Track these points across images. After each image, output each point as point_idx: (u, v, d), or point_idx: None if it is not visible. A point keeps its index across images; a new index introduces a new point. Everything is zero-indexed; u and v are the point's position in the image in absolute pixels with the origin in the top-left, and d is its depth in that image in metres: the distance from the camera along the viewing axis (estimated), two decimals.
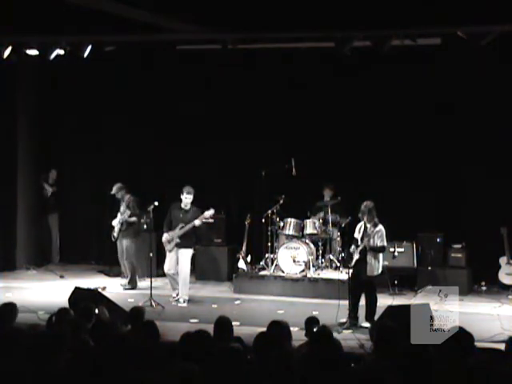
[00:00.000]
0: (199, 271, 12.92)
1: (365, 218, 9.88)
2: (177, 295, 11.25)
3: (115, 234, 12.15)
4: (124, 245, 12.13)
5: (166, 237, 11.30)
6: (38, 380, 5.10)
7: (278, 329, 6.42)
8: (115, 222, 12.14)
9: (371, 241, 9.71)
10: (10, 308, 7.04)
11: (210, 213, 11.14)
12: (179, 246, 11.18)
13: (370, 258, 9.74)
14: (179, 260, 11.20)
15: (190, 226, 11.07)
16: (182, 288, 11.15)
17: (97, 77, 13.65)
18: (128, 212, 11.96)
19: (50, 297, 11.30)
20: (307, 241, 12.17)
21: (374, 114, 12.61)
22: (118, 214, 12.16)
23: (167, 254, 11.43)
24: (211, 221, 12.46)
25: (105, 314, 7.89)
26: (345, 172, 12.62)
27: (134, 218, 12.03)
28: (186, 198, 11.17)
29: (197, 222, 11.06)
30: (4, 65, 11.89)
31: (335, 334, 7.54)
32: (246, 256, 12.48)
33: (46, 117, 14.29)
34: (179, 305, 11.04)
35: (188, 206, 11.23)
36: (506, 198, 11.90)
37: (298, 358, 5.73)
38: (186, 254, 11.22)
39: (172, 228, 11.26)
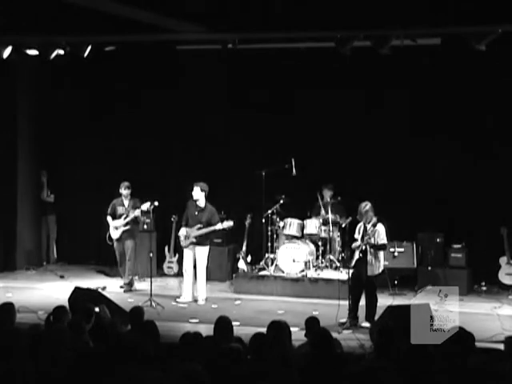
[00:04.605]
0: None
1: (363, 219, 9.90)
2: (186, 300, 11.34)
3: (116, 236, 12.09)
4: (128, 245, 12.09)
5: (182, 232, 11.36)
6: (38, 380, 5.10)
7: (278, 329, 6.42)
8: (117, 224, 12.07)
9: (372, 239, 9.72)
10: (8, 308, 7.03)
11: (229, 224, 11.23)
12: (195, 244, 11.26)
13: (370, 258, 9.75)
14: (196, 259, 11.29)
15: (209, 229, 11.17)
16: (201, 288, 11.26)
17: (97, 77, 13.64)
18: (135, 212, 11.91)
19: (50, 297, 11.29)
20: (307, 241, 12.17)
21: (374, 114, 12.59)
22: (109, 219, 12.15)
23: (184, 251, 11.46)
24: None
25: (106, 314, 7.89)
26: (345, 172, 12.61)
27: (142, 216, 12.01)
28: (194, 191, 11.21)
29: (218, 227, 11.16)
30: (4, 65, 11.88)
31: (335, 334, 7.55)
32: (246, 256, 12.48)
33: (45, 117, 14.28)
34: (199, 303, 11.14)
35: (202, 204, 11.28)
36: (506, 198, 11.90)
37: (298, 358, 5.74)
38: (203, 253, 11.29)
39: (189, 224, 11.32)
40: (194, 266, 11.37)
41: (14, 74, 13.46)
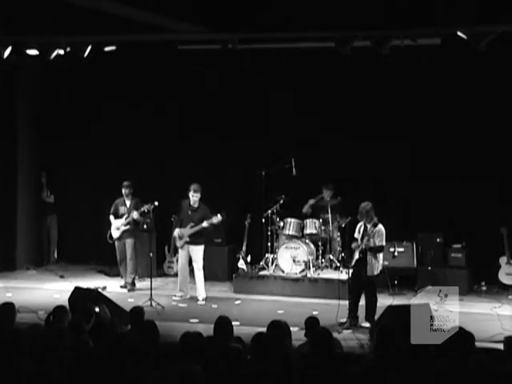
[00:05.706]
0: None
1: (363, 219, 9.90)
2: (181, 296, 11.39)
3: (116, 235, 12.09)
4: (128, 243, 12.08)
5: (177, 232, 11.44)
6: (38, 380, 5.10)
7: (278, 329, 6.43)
8: (118, 223, 12.07)
9: (370, 241, 9.72)
10: (8, 308, 7.03)
11: (218, 219, 11.28)
12: (190, 243, 11.32)
13: (369, 258, 9.75)
14: (193, 259, 11.35)
15: (198, 227, 11.26)
16: (200, 286, 11.32)
17: (97, 77, 13.64)
18: (136, 212, 11.91)
19: (49, 297, 11.30)
20: (307, 241, 12.17)
21: (374, 114, 12.59)
22: (112, 218, 12.15)
23: (179, 251, 11.51)
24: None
25: (106, 314, 7.89)
26: (345, 172, 12.61)
27: (141, 218, 12.01)
28: (193, 196, 11.30)
29: (205, 224, 11.21)
30: (4, 65, 11.88)
31: (335, 334, 7.55)
32: (246, 256, 12.48)
33: (45, 117, 14.28)
34: (198, 303, 11.20)
35: (196, 204, 11.35)
36: (506, 198, 11.90)
37: (298, 358, 5.74)
38: (199, 252, 11.37)
39: (183, 224, 11.36)
40: (189, 265, 11.43)
41: (13, 74, 13.46)
